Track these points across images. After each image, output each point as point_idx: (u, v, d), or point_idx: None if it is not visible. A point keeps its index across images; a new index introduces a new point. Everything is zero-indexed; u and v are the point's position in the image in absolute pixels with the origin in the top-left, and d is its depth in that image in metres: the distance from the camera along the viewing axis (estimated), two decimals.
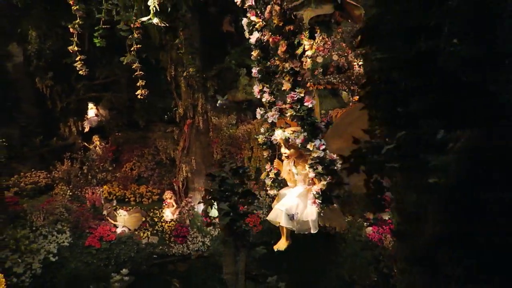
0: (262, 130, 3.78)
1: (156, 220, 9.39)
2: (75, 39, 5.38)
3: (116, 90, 11.11)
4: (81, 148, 10.70)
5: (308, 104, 3.36)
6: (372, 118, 1.54)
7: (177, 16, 4.85)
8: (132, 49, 5.28)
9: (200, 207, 9.12)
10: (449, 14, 1.29)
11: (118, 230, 8.67)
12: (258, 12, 3.51)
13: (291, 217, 3.60)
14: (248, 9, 3.53)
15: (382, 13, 1.44)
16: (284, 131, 3.57)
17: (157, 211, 9.50)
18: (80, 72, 5.40)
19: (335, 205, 3.50)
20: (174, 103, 9.70)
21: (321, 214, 3.48)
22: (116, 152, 10.86)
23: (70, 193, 9.29)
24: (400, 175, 1.51)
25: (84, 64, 5.35)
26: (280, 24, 3.28)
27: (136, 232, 8.88)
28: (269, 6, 3.33)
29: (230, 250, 3.39)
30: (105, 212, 8.81)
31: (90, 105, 10.87)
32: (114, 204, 9.23)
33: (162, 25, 4.45)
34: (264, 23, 3.47)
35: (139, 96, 5.31)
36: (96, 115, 10.91)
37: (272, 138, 3.66)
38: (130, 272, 8.16)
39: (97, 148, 10.64)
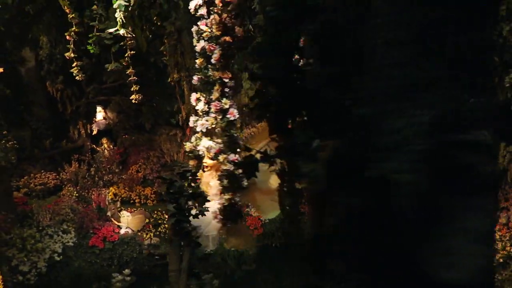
0: (192, 138, 3.85)
1: (159, 221, 9.55)
2: (72, 46, 5.59)
3: (124, 93, 11.36)
4: (89, 150, 10.98)
5: (230, 116, 3.41)
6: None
7: (161, 24, 4.98)
8: (127, 55, 5.45)
9: None
10: (307, 37, 1.38)
11: (122, 231, 8.87)
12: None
13: None
14: (201, 18, 3.62)
15: (262, 34, 1.53)
16: (209, 141, 3.62)
17: (161, 213, 9.67)
18: (77, 78, 5.61)
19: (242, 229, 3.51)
20: (177, 107, 9.88)
21: (220, 231, 3.49)
22: (123, 155, 11.09)
23: (77, 194, 9.54)
24: (281, 179, 1.61)
25: (80, 70, 5.54)
26: (218, 34, 3.36)
27: (139, 233, 9.07)
28: (212, 16, 3.43)
29: (176, 249, 3.52)
30: (109, 213, 9.02)
31: (98, 109, 11.15)
32: (118, 206, 9.44)
33: (129, 35, 4.61)
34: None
35: (133, 101, 5.48)
36: (104, 118, 11.18)
37: (198, 147, 3.71)
38: (132, 272, 8.34)
39: (105, 150, 10.91)
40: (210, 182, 3.80)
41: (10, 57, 10.60)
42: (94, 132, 11.12)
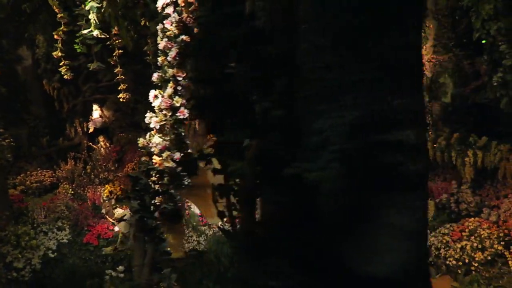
0: (147, 135, 3.91)
1: None
2: (60, 45, 5.64)
3: (121, 92, 11.43)
4: (86, 148, 11.06)
5: (180, 115, 3.46)
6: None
7: (147, 24, 5.05)
8: (114, 54, 5.51)
9: (196, 207, 9.30)
10: (232, 41, 1.44)
11: (116, 228, 8.94)
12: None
13: None
14: (167, 17, 3.68)
15: (196, 37, 1.58)
16: (159, 138, 3.67)
17: None
18: (65, 77, 5.67)
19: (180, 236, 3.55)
20: None
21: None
22: (120, 153, 11.16)
23: (72, 192, 9.62)
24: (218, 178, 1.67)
25: (69, 69, 5.60)
26: (177, 32, 3.41)
27: None
28: (173, 14, 3.48)
29: (140, 245, 3.62)
30: (103, 211, 9.10)
31: (95, 107, 11.24)
32: (113, 203, 9.51)
33: (103, 36, 4.67)
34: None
35: (121, 99, 5.54)
36: (101, 116, 11.26)
37: (150, 144, 3.78)
38: (126, 269, 8.40)
39: (102, 148, 10.99)
40: None
41: (7, 55, 10.69)
42: (91, 130, 11.21)
